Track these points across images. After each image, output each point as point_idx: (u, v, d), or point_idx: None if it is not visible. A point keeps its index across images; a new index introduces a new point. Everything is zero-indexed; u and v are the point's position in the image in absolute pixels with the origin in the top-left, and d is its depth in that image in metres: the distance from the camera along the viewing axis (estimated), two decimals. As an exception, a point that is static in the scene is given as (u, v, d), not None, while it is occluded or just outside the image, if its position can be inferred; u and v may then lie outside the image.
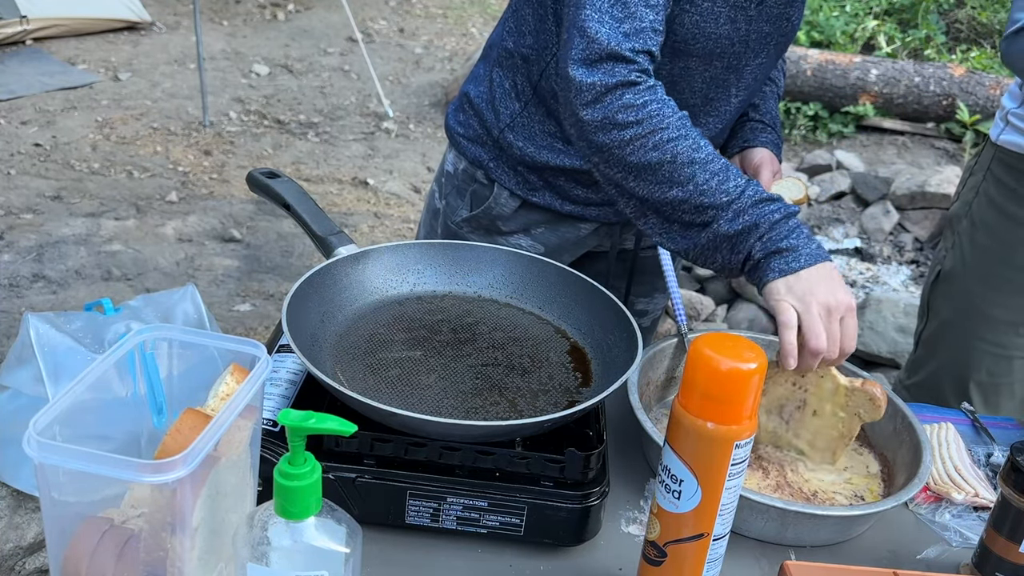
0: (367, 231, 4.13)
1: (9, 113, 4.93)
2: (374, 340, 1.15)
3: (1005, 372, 1.69)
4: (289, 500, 0.73)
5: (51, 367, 2.08)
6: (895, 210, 4.07)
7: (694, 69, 1.31)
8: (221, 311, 3.40)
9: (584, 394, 1.11)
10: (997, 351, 1.67)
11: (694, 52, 1.28)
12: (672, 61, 1.29)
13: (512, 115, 1.41)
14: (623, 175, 1.17)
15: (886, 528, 1.13)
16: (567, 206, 1.46)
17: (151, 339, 0.86)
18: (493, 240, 1.49)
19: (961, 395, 1.69)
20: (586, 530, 1.00)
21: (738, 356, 0.80)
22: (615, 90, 1.14)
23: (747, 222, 1.12)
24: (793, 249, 1.11)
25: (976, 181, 1.69)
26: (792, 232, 1.12)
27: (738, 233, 1.12)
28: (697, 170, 1.13)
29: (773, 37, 1.35)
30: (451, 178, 1.53)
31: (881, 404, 1.11)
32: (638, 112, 1.14)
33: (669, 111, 1.15)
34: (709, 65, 1.31)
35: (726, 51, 1.30)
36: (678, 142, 1.13)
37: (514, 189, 1.45)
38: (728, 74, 1.35)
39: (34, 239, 3.74)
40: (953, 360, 1.73)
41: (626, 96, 1.14)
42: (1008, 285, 1.63)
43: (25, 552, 2.17)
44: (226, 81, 5.75)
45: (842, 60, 5.24)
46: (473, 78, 1.50)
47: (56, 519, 0.76)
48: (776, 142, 1.51)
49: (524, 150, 1.41)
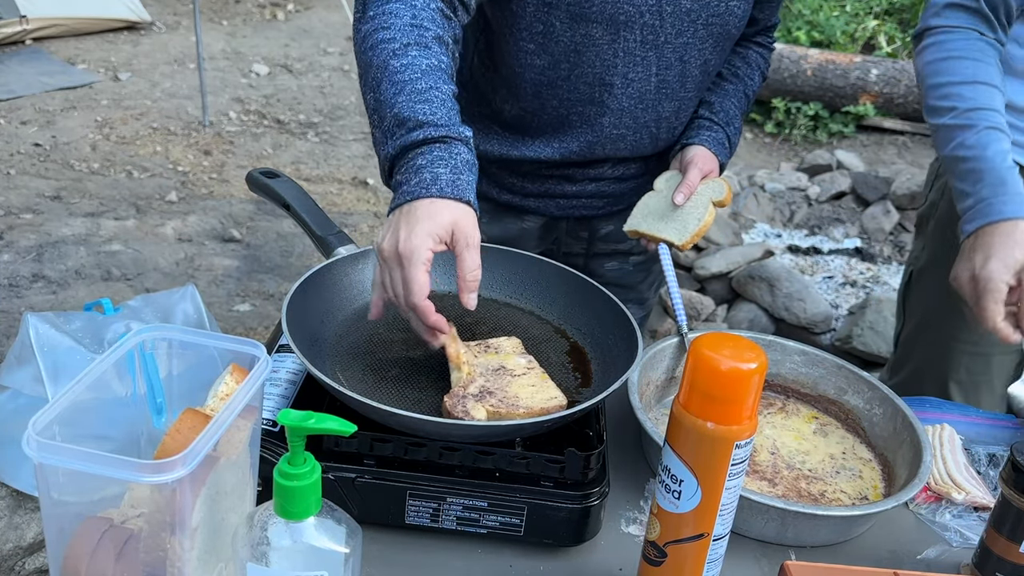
0: (367, 231, 4.13)
1: (9, 113, 4.93)
2: (374, 340, 1.15)
3: (983, 369, 1.69)
4: (289, 500, 0.72)
5: (51, 367, 2.08)
6: (895, 210, 4.07)
7: (599, 38, 1.28)
8: (221, 311, 3.40)
9: (584, 394, 1.11)
10: (974, 349, 1.68)
11: (593, 17, 1.25)
12: (572, 27, 1.27)
13: None
14: (358, 73, 1.13)
15: (886, 528, 1.13)
16: (504, 195, 1.44)
17: (151, 339, 0.86)
18: None
19: (941, 394, 1.70)
20: (586, 530, 1.00)
21: (738, 356, 0.80)
22: None
23: (387, 150, 1.04)
24: (400, 184, 1.02)
25: (942, 183, 1.70)
26: (405, 166, 1.03)
27: (385, 159, 1.06)
28: (385, 77, 1.07)
29: (699, 15, 1.30)
30: None
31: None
32: (379, 7, 1.11)
33: (404, 13, 1.10)
34: (616, 35, 1.28)
35: (633, 20, 1.26)
36: (387, 44, 1.08)
37: None
38: (645, 50, 1.31)
39: (34, 239, 3.74)
40: (931, 360, 1.73)
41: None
42: None
43: (25, 552, 2.17)
44: (226, 81, 5.75)
45: (842, 60, 5.24)
46: None
47: (56, 519, 0.76)
48: (721, 140, 1.45)
49: None
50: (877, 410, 1.25)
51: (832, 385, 1.30)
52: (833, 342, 3.35)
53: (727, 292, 3.57)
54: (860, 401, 1.28)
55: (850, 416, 1.28)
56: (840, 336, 3.32)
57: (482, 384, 1.05)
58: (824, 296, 3.56)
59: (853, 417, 1.28)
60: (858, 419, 1.27)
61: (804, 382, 1.33)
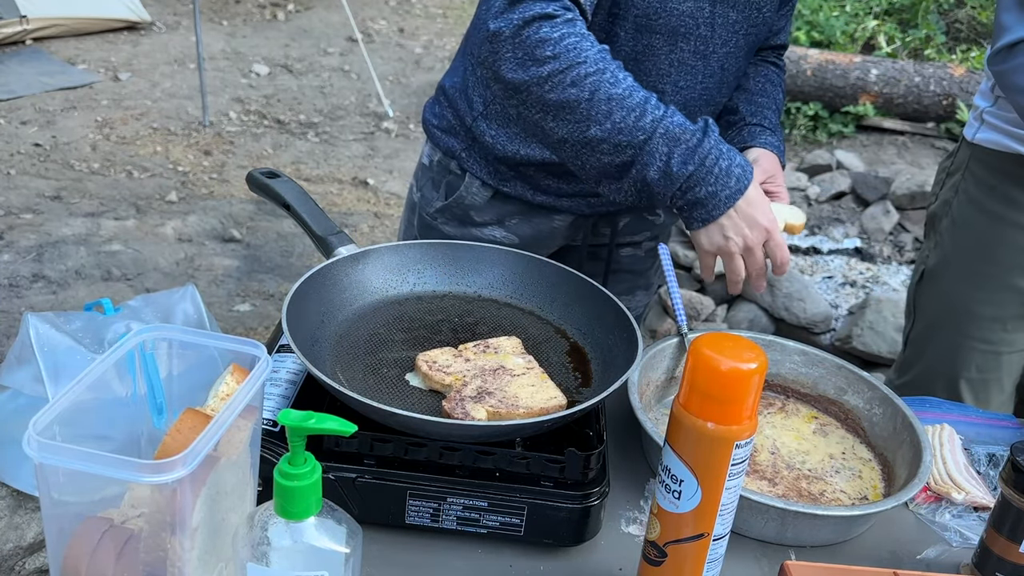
0: (367, 231, 4.13)
1: (9, 113, 4.93)
2: (374, 340, 1.15)
3: (993, 368, 1.70)
4: (289, 500, 0.72)
5: (51, 367, 2.08)
6: (895, 210, 4.07)
7: (659, 48, 1.29)
8: (221, 311, 3.40)
9: (584, 394, 1.11)
10: (985, 348, 1.68)
11: (657, 28, 1.26)
12: (635, 38, 1.28)
13: (485, 103, 1.41)
14: (542, 115, 1.14)
15: (886, 528, 1.13)
16: (539, 196, 1.46)
17: (151, 339, 0.86)
18: (467, 232, 1.49)
19: (951, 393, 1.70)
20: (586, 530, 1.00)
21: (738, 356, 0.80)
22: (531, 24, 1.11)
23: (661, 170, 1.10)
24: (711, 196, 1.13)
25: (955, 181, 1.71)
26: (707, 177, 1.12)
27: (656, 183, 1.11)
28: (614, 106, 1.10)
29: (742, 25, 1.34)
30: (426, 170, 1.53)
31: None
32: (555, 46, 1.10)
33: (588, 44, 1.12)
34: (675, 46, 1.29)
35: (691, 32, 1.29)
36: (597, 77, 1.10)
37: (485, 179, 1.45)
38: (696, 59, 1.33)
39: (34, 239, 3.74)
40: (942, 359, 1.73)
41: (543, 30, 1.11)
42: (992, 282, 1.65)
43: (25, 552, 2.17)
44: (226, 81, 5.75)
45: (842, 60, 5.24)
46: (451, 71, 1.51)
47: (56, 519, 0.76)
48: (778, 145, 1.51)
49: (496, 139, 1.41)
50: (877, 410, 1.25)
51: (832, 385, 1.30)
52: (833, 342, 3.35)
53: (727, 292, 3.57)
54: (860, 401, 1.28)
55: (850, 416, 1.28)
56: (840, 336, 3.33)
57: (481, 384, 1.05)
58: (824, 296, 3.56)
59: (853, 417, 1.28)
60: (858, 419, 1.27)
61: (804, 382, 1.33)
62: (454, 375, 1.06)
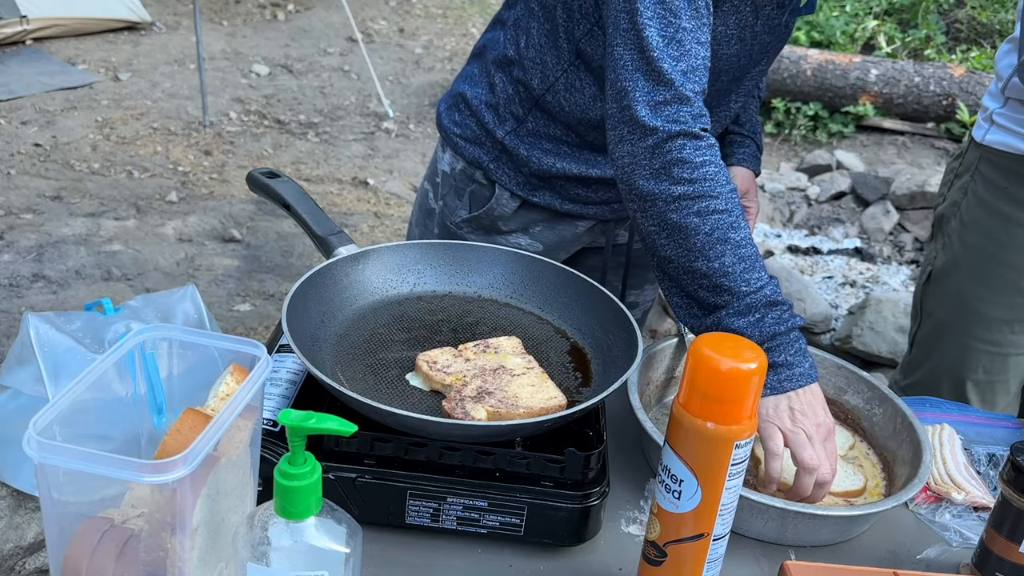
0: (367, 231, 4.13)
1: (9, 113, 4.93)
2: (374, 340, 1.15)
3: (1000, 369, 1.70)
4: (289, 500, 0.73)
5: (51, 367, 2.08)
6: (895, 210, 4.07)
7: (711, 84, 1.31)
8: (221, 311, 3.40)
9: (584, 394, 1.11)
10: (992, 349, 1.68)
11: (721, 68, 1.29)
12: None
13: (517, 120, 1.41)
14: (657, 229, 1.14)
15: (886, 528, 1.13)
16: (567, 205, 1.47)
17: (151, 339, 0.86)
18: (492, 239, 1.50)
19: (957, 395, 1.70)
20: (586, 530, 1.00)
21: (738, 356, 0.80)
22: (676, 139, 1.11)
23: (752, 323, 1.10)
24: (787, 366, 1.09)
25: (964, 182, 1.70)
26: (790, 347, 1.10)
27: (740, 330, 1.10)
28: (728, 249, 1.10)
29: (772, 45, 1.36)
30: (448, 178, 1.53)
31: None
32: (694, 171, 1.11)
33: (723, 179, 1.12)
34: (716, 80, 1.31)
35: (732, 66, 1.31)
36: (722, 216, 1.10)
37: (515, 190, 1.45)
38: (731, 84, 1.37)
39: (34, 239, 3.74)
40: (949, 360, 1.73)
41: (686, 150, 1.11)
42: (1000, 283, 1.64)
43: (25, 552, 2.17)
44: (226, 81, 5.75)
45: (842, 60, 5.24)
46: (468, 78, 1.49)
47: (56, 519, 0.76)
48: (754, 154, 1.53)
49: (530, 155, 1.41)
50: (877, 410, 1.25)
51: (832, 385, 1.30)
52: (833, 342, 3.35)
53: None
54: (860, 401, 1.28)
55: (850, 416, 1.28)
56: (840, 336, 3.33)
57: (481, 384, 1.05)
58: (824, 296, 3.56)
59: (853, 417, 1.28)
60: (858, 419, 1.28)
61: (804, 382, 1.32)
62: (454, 375, 1.06)
